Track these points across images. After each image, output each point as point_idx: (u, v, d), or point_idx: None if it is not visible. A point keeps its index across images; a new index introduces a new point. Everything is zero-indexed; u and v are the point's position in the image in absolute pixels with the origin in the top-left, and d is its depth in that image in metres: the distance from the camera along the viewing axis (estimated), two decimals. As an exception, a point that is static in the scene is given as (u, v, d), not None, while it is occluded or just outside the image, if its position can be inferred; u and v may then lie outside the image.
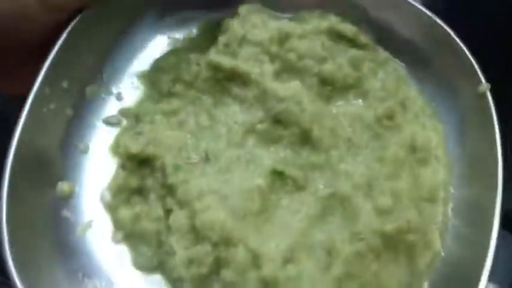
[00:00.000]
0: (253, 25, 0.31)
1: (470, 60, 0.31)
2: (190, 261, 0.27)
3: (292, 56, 0.31)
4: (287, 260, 0.27)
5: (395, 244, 0.28)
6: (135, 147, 0.30)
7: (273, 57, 0.31)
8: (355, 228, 0.28)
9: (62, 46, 0.29)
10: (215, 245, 0.27)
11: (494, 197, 0.28)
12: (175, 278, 0.28)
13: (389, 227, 0.27)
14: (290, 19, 0.33)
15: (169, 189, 0.29)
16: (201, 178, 0.29)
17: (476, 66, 0.30)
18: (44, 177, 0.29)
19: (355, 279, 0.27)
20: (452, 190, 0.31)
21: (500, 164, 0.29)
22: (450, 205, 0.30)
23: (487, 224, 0.28)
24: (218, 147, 0.30)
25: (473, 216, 0.29)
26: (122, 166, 0.30)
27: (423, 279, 0.29)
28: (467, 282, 0.27)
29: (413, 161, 0.30)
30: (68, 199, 0.30)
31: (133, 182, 0.30)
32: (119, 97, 0.33)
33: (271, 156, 0.30)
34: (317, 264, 0.28)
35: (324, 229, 0.29)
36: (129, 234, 0.30)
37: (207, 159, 0.30)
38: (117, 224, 0.30)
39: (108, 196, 0.30)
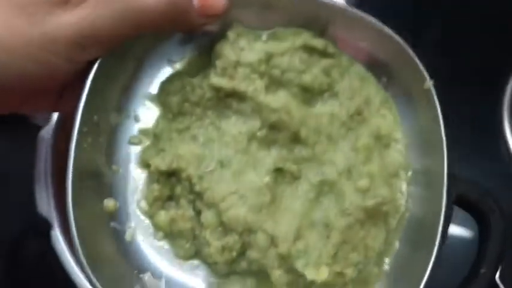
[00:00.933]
0: (241, 49, 0.36)
1: (417, 63, 0.38)
2: (223, 249, 0.35)
3: (276, 72, 0.37)
4: (296, 238, 0.35)
5: (375, 214, 0.37)
6: (163, 165, 0.36)
7: (261, 75, 0.37)
8: (344, 206, 0.36)
9: (89, 90, 0.33)
10: (240, 234, 0.35)
11: (442, 164, 0.37)
12: (211, 262, 0.36)
13: (370, 203, 0.36)
14: (268, 37, 0.38)
15: (196, 195, 0.36)
16: (220, 183, 0.35)
17: (421, 67, 0.38)
18: (92, 196, 0.35)
19: (349, 243, 0.36)
20: (410, 163, 0.39)
21: (444, 138, 0.37)
22: (409, 174, 0.39)
23: (438, 185, 0.37)
24: (228, 155, 0.36)
25: (428, 180, 0.38)
26: (157, 181, 0.36)
27: (395, 236, 0.38)
28: (429, 232, 0.36)
29: (380, 147, 0.38)
30: (112, 213, 0.36)
31: (165, 191, 0.37)
32: (136, 119, 0.38)
33: (271, 157, 0.37)
34: (319, 237, 0.36)
35: (320, 209, 0.37)
36: (168, 233, 0.37)
37: (222, 166, 0.36)
38: (157, 227, 0.37)
39: (144, 205, 0.37)
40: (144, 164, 0.37)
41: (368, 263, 0.37)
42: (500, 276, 0.46)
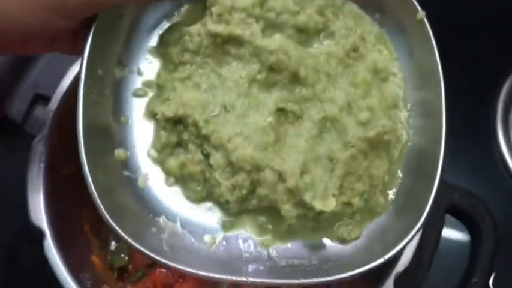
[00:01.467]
0: None
1: None
2: (233, 187, 0.36)
3: (271, 15, 0.38)
4: (303, 172, 0.36)
5: (377, 144, 0.38)
6: (169, 112, 0.37)
7: (257, 18, 0.38)
8: (346, 139, 0.37)
9: (91, 44, 0.35)
10: (249, 172, 0.36)
11: (440, 95, 0.37)
12: (223, 202, 0.37)
13: (371, 133, 0.37)
14: None
15: (204, 139, 0.37)
16: (226, 126, 0.37)
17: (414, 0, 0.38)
18: (103, 148, 0.37)
19: (353, 175, 0.37)
20: (408, 95, 0.40)
21: (440, 69, 0.38)
22: (408, 106, 0.40)
23: (438, 115, 0.37)
24: (231, 99, 0.37)
25: (427, 111, 0.39)
26: (163, 128, 0.38)
27: (398, 166, 0.39)
28: (431, 161, 0.37)
29: (378, 81, 0.39)
30: (124, 162, 0.38)
31: (173, 138, 0.38)
32: (139, 72, 0.39)
33: (272, 98, 0.38)
34: (324, 170, 0.37)
35: (323, 144, 0.38)
36: (179, 178, 0.38)
37: (226, 110, 0.37)
38: (168, 172, 0.38)
39: (154, 153, 0.38)
40: (151, 114, 0.39)
41: (374, 193, 0.38)
42: (493, 283, 0.46)
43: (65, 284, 0.41)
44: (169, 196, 0.38)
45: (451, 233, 0.55)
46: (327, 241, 0.38)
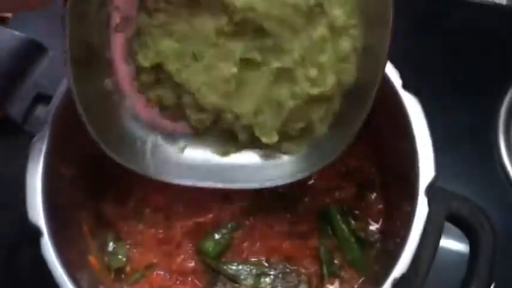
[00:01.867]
0: None
1: None
2: (199, 121, 0.46)
3: None
4: (255, 113, 0.44)
5: (319, 98, 0.43)
6: (147, 62, 0.43)
7: None
8: (295, 91, 0.43)
9: None
10: (213, 112, 0.45)
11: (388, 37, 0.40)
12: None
13: (315, 91, 0.43)
14: None
15: (176, 84, 0.44)
16: (196, 75, 0.43)
17: None
18: (92, 73, 0.43)
19: (295, 116, 0.44)
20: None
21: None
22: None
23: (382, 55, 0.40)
24: (201, 49, 0.42)
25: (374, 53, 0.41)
26: (143, 69, 0.44)
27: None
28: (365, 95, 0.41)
29: (334, 37, 0.42)
30: (111, 92, 0.45)
31: (151, 78, 0.45)
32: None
33: (238, 49, 0.42)
34: (273, 112, 0.44)
35: (276, 91, 0.44)
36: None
37: (195, 59, 0.43)
38: (147, 100, 0.46)
39: (136, 85, 0.45)
40: (132, 53, 0.44)
41: (312, 126, 0.46)
42: (493, 294, 0.45)
43: (61, 283, 0.41)
44: (149, 115, 0.47)
45: (449, 242, 0.55)
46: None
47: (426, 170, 0.43)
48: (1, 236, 0.62)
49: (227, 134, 0.47)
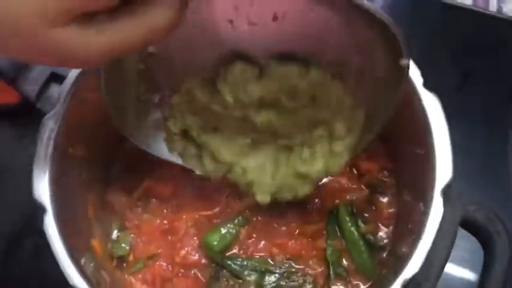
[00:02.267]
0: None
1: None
2: (215, 169, 0.50)
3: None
4: (259, 170, 0.49)
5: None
6: (175, 129, 0.50)
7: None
8: (281, 163, 0.48)
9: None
10: (225, 164, 0.49)
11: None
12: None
13: (303, 169, 0.47)
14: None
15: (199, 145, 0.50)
16: (215, 139, 0.48)
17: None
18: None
19: (287, 185, 0.49)
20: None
21: None
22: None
23: None
24: (221, 124, 0.48)
25: None
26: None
27: None
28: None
29: (330, 140, 0.47)
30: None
31: (178, 136, 0.51)
32: None
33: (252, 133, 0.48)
34: (271, 175, 0.49)
35: (275, 158, 0.49)
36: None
37: (215, 131, 0.49)
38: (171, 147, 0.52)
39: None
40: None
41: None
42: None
43: (61, 260, 0.40)
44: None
45: (461, 248, 0.53)
46: None
47: (443, 169, 0.42)
48: (4, 226, 0.62)
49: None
